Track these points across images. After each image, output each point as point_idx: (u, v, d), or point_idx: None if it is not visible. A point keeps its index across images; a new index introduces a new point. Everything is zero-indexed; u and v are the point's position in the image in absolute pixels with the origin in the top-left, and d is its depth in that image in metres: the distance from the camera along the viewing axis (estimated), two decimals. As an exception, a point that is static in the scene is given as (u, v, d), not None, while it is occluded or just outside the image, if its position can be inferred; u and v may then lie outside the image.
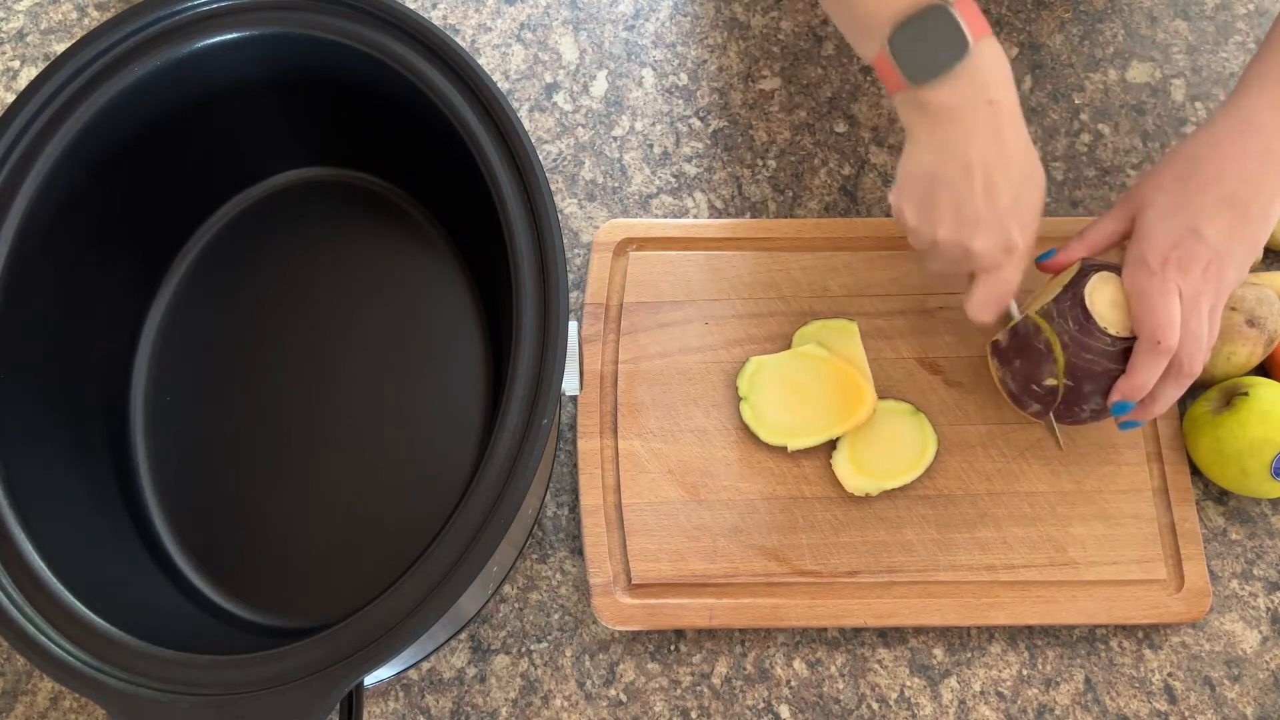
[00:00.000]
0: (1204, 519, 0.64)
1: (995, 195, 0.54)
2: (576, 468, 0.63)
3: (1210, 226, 0.53)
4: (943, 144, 0.54)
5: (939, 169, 0.54)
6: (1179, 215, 0.54)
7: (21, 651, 0.45)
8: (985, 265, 0.57)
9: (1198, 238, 0.53)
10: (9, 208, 0.51)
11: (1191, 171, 0.55)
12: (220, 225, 0.65)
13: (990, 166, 0.53)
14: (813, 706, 0.60)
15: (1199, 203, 0.54)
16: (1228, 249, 0.53)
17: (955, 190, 0.54)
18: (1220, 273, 0.53)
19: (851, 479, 0.62)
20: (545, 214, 0.51)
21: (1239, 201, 0.53)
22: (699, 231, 0.68)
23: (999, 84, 0.53)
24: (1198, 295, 0.54)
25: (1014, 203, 0.54)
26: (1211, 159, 0.54)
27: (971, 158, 0.53)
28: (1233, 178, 0.54)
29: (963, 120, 0.53)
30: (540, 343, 0.49)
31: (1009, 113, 0.53)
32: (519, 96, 0.74)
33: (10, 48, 0.76)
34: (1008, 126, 0.53)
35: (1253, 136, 0.54)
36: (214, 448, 0.61)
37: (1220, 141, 0.55)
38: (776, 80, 0.75)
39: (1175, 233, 0.54)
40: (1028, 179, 0.55)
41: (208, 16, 0.55)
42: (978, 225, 0.55)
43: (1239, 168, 0.54)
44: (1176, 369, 0.55)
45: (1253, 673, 0.61)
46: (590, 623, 0.62)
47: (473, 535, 0.46)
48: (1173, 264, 0.54)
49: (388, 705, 0.60)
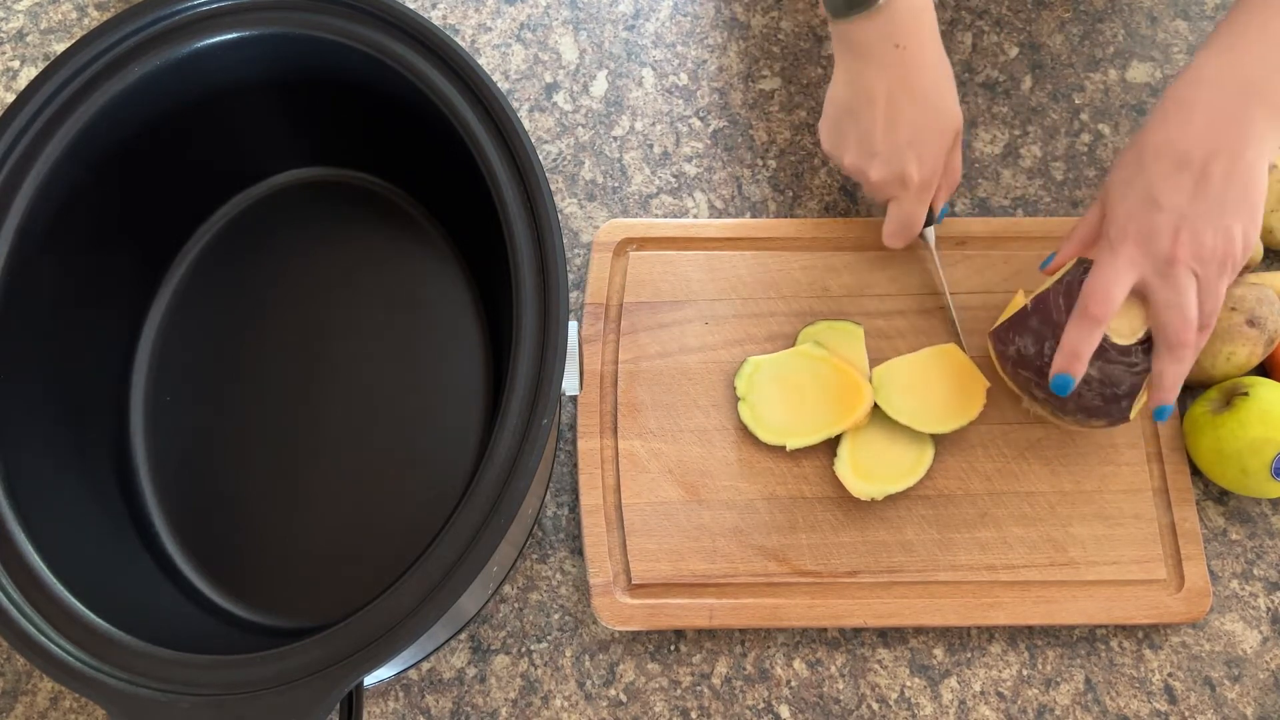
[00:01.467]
0: (1204, 519, 0.64)
1: (893, 130, 0.59)
2: (576, 468, 0.63)
3: (1166, 192, 0.53)
4: (856, 77, 0.59)
5: (848, 100, 0.60)
6: (1135, 187, 0.54)
7: (21, 651, 0.45)
8: (885, 194, 0.63)
9: (1155, 206, 0.53)
10: (9, 208, 0.51)
11: (1144, 147, 0.55)
12: (220, 225, 0.65)
13: (893, 102, 0.58)
14: (813, 707, 0.60)
15: (1151, 171, 0.54)
16: (1195, 211, 0.52)
17: (858, 121, 0.60)
18: (1196, 235, 0.52)
19: (856, 484, 0.61)
20: (545, 214, 0.51)
21: (1194, 161, 0.52)
22: (699, 231, 0.68)
23: (909, 31, 0.57)
24: (1169, 264, 0.53)
25: (911, 139, 0.59)
26: (1159, 124, 0.54)
27: (875, 93, 0.58)
28: (1182, 139, 0.53)
29: (872, 59, 0.58)
30: (540, 343, 0.49)
31: (917, 57, 0.57)
32: (519, 96, 0.74)
33: (10, 48, 0.76)
34: (914, 70, 0.58)
35: (1198, 93, 0.53)
36: (214, 448, 0.61)
37: (1168, 107, 0.54)
38: (776, 80, 0.75)
39: (1133, 205, 0.54)
40: (933, 118, 0.59)
41: (208, 16, 0.55)
42: (874, 156, 0.60)
43: (1186, 128, 0.53)
44: (1166, 344, 0.55)
45: (1253, 673, 0.61)
46: (590, 623, 0.62)
47: (473, 535, 0.46)
48: (1131, 236, 0.54)
49: (388, 705, 0.60)
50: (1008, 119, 0.74)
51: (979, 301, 0.66)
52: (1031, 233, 0.68)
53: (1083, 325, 0.55)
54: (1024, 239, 0.68)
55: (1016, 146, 0.73)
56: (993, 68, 0.75)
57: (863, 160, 0.61)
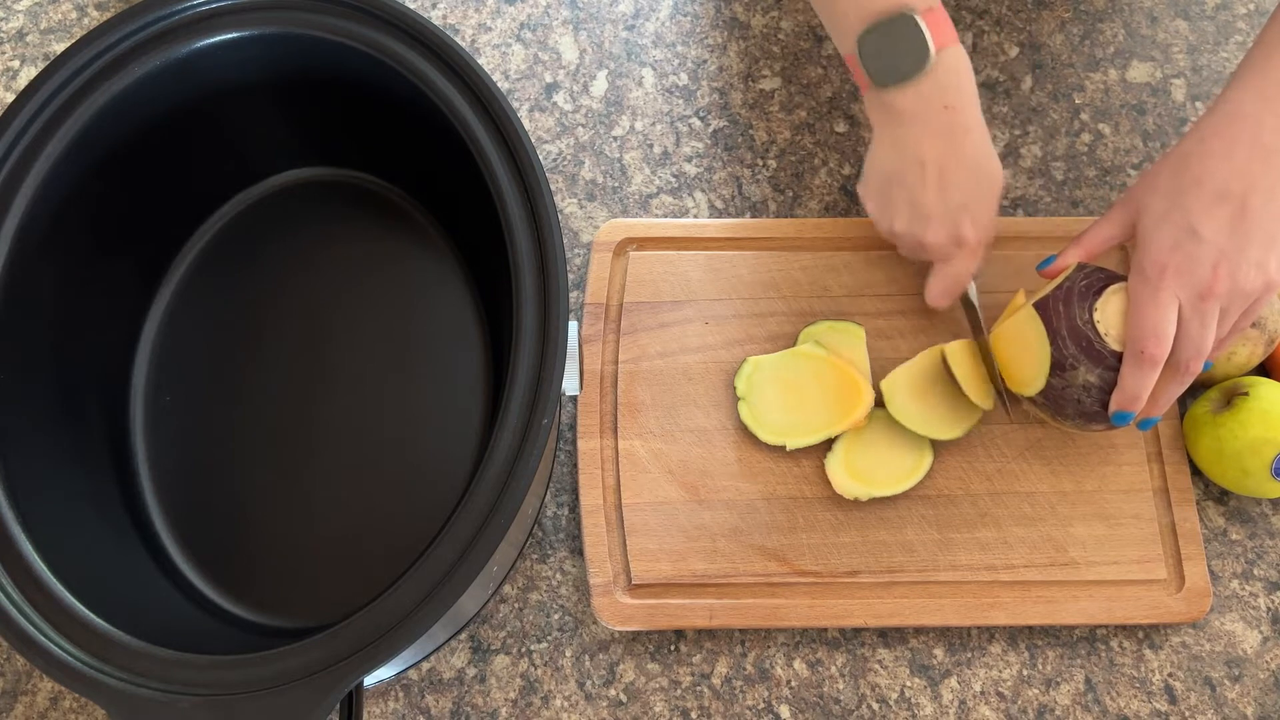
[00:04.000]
0: (1204, 519, 0.64)
1: (947, 193, 0.57)
2: (576, 468, 0.63)
3: (1207, 225, 0.52)
4: (901, 143, 0.57)
5: (896, 166, 0.58)
6: (1174, 217, 0.53)
7: (21, 651, 0.45)
8: (938, 257, 0.61)
9: (1196, 239, 0.53)
10: (9, 208, 0.51)
11: (1182, 170, 0.54)
12: (220, 225, 0.65)
13: (944, 166, 0.57)
14: (813, 707, 0.60)
15: (1191, 202, 0.53)
16: (1234, 245, 0.52)
17: (909, 187, 0.58)
18: (1233, 271, 0.52)
19: (843, 482, 0.61)
20: (545, 214, 0.51)
21: (1233, 195, 0.52)
22: (699, 231, 0.68)
23: (956, 90, 0.56)
24: (1203, 298, 0.52)
25: (966, 200, 0.58)
26: (1199, 155, 0.54)
27: (926, 157, 0.57)
28: (1222, 171, 0.53)
29: (919, 123, 0.56)
30: (540, 343, 0.49)
31: (965, 117, 0.56)
32: (519, 96, 0.74)
33: (10, 48, 0.76)
34: (962, 130, 0.56)
35: (1239, 128, 0.53)
36: (214, 448, 0.61)
37: (1207, 136, 0.54)
38: (776, 80, 0.75)
39: (1172, 236, 0.53)
40: (982, 179, 0.58)
41: (207, 16, 0.55)
42: (929, 220, 0.59)
43: (1227, 161, 0.53)
44: (1175, 369, 0.54)
45: (1253, 673, 0.61)
46: (590, 623, 0.62)
47: (473, 535, 0.46)
48: (1171, 270, 0.53)
49: (388, 705, 0.60)
50: (1008, 119, 0.74)
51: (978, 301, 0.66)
52: (1031, 233, 0.68)
53: (1142, 368, 0.54)
54: (1024, 239, 0.68)
55: (1016, 146, 0.73)
56: (993, 68, 0.75)
57: (916, 226, 0.59)
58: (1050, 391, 0.57)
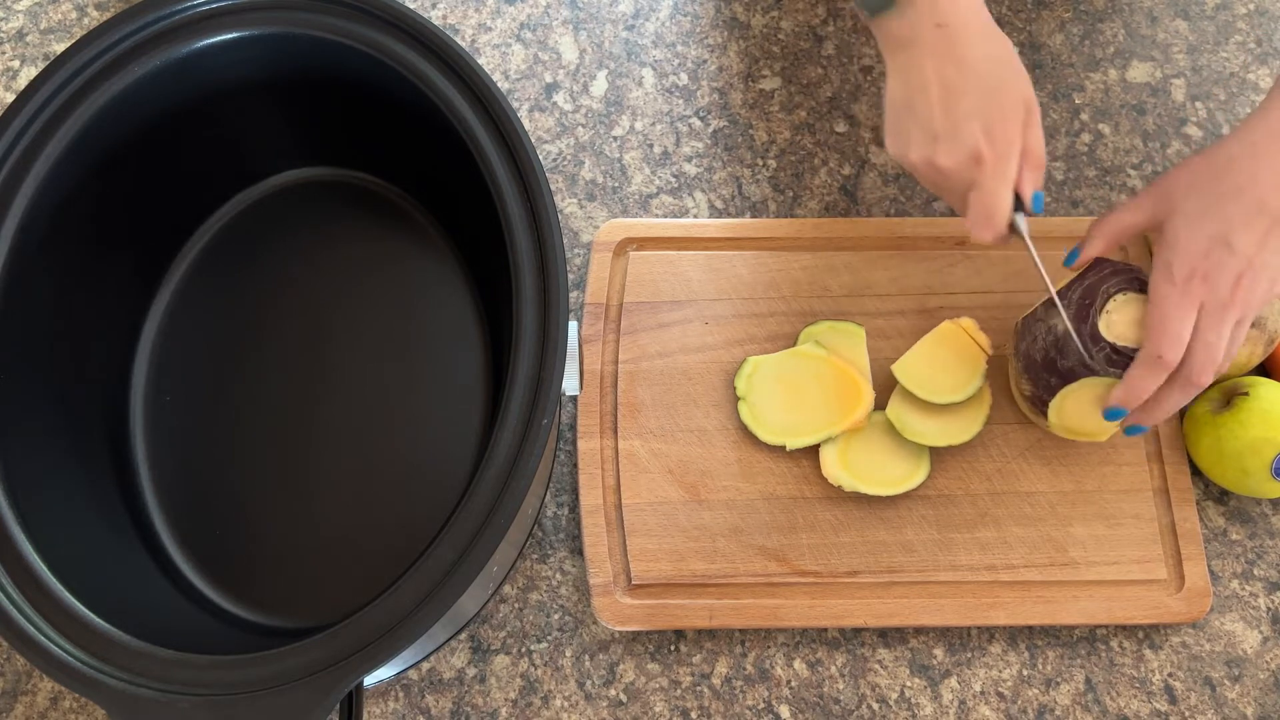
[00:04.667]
0: (1204, 519, 0.64)
1: (952, 108, 0.55)
2: (576, 468, 0.63)
3: (1242, 236, 0.51)
4: (905, 71, 0.56)
5: (904, 94, 0.57)
6: (1208, 222, 0.52)
7: (21, 651, 0.45)
8: (962, 182, 0.56)
9: (1228, 249, 0.52)
10: (9, 208, 0.51)
11: (1223, 174, 0.53)
12: (220, 225, 0.65)
13: (947, 83, 0.55)
14: (813, 707, 0.60)
15: (1230, 210, 0.52)
16: (1262, 260, 0.51)
17: (916, 111, 0.56)
18: (1253, 285, 0.52)
19: (834, 470, 0.61)
20: (545, 214, 0.51)
21: (1270, 208, 0.51)
22: (699, 231, 0.68)
23: (951, 6, 0.54)
24: (1223, 308, 0.52)
25: (973, 113, 0.55)
26: (1246, 164, 0.52)
27: (928, 78, 0.55)
28: (1267, 185, 0.52)
29: (916, 45, 0.55)
30: (540, 343, 0.49)
31: (963, 33, 0.55)
32: (519, 96, 0.74)
33: (10, 48, 0.76)
34: (962, 44, 0.55)
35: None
36: (214, 448, 0.61)
37: (1257, 146, 0.53)
38: (776, 80, 0.75)
39: (1204, 242, 0.52)
40: (993, 89, 0.55)
41: (207, 16, 0.55)
42: (938, 140, 0.56)
43: (1274, 176, 0.52)
44: (1184, 378, 0.53)
45: (1253, 673, 0.61)
46: (590, 623, 0.62)
47: (473, 535, 0.46)
48: (1199, 276, 0.52)
49: (388, 705, 0.60)
50: (1008, 119, 0.74)
51: (979, 302, 0.66)
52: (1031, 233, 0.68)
53: (1155, 369, 0.53)
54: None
55: (1016, 146, 0.73)
56: (993, 68, 0.75)
57: (928, 148, 0.56)
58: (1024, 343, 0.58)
